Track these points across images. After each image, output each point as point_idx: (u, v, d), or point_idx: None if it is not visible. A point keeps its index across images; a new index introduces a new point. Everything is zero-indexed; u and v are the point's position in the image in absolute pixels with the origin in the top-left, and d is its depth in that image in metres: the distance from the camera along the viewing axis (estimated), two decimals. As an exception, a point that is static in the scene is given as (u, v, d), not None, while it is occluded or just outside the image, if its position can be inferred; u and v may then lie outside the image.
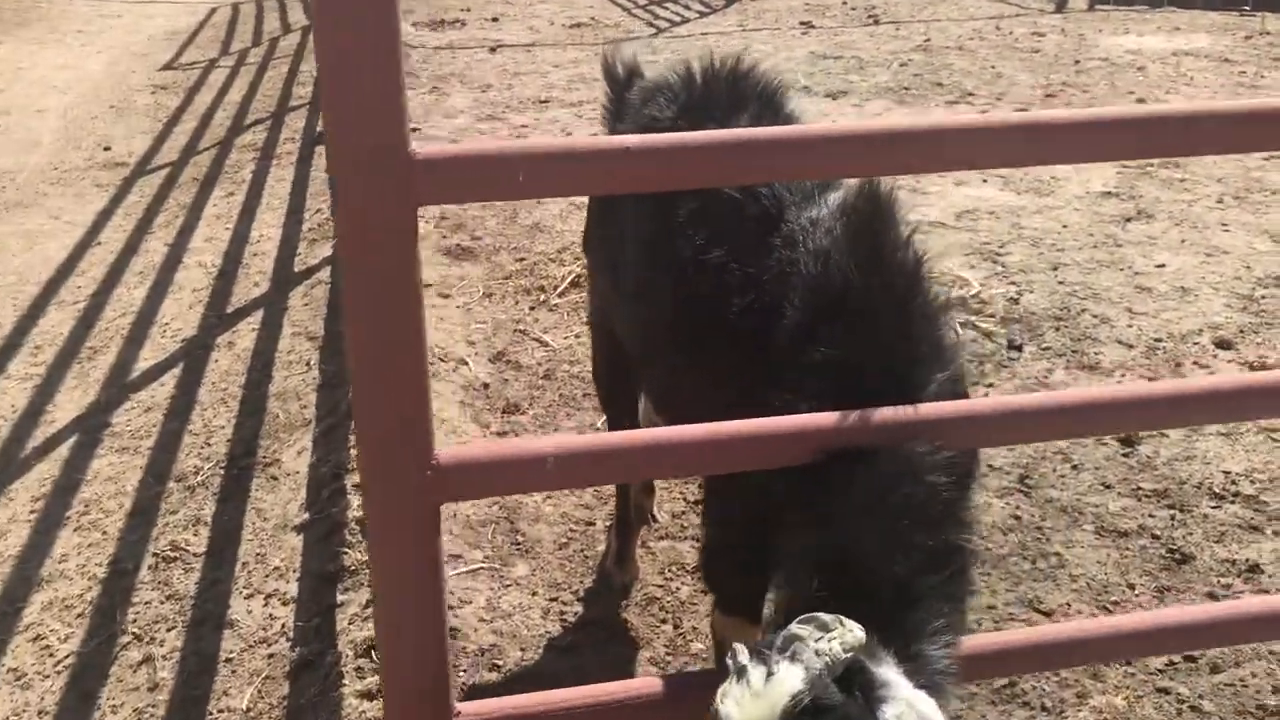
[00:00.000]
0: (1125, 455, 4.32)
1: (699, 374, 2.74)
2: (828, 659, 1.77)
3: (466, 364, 4.98)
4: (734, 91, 2.99)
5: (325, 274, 5.82)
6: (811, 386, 2.23)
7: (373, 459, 1.95)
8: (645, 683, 2.26)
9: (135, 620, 3.50)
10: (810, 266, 2.40)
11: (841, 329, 2.25)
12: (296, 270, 5.95)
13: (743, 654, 1.84)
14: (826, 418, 2.07)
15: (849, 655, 1.79)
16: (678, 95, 3.09)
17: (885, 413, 2.09)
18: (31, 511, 4.12)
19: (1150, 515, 3.95)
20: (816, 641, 1.79)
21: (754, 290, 2.53)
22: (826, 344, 2.24)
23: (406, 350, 1.89)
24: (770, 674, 1.75)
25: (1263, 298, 5.46)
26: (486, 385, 4.87)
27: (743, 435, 2.05)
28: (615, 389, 3.45)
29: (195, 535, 3.87)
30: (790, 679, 1.74)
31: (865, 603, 1.91)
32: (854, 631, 1.82)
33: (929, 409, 2.11)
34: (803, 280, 2.39)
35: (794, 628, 1.82)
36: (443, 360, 4.96)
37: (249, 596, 3.55)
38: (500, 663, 3.26)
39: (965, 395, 2.44)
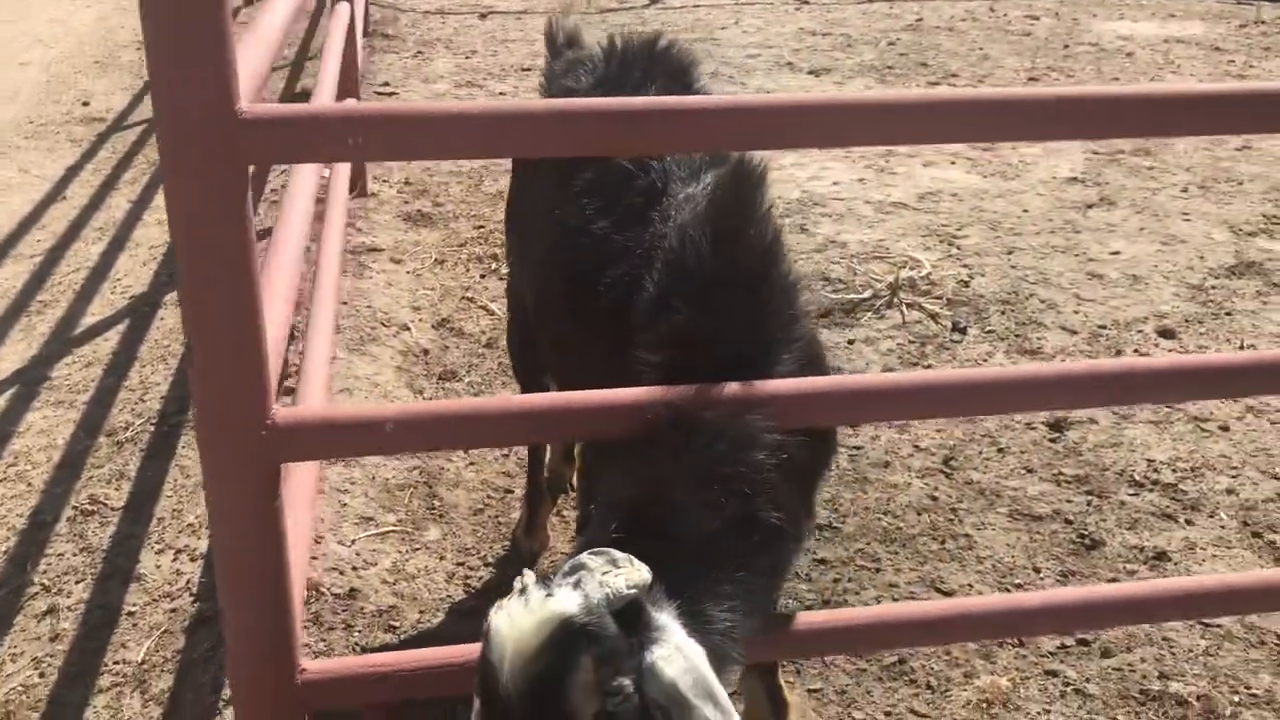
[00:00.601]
0: (1052, 440, 4.33)
1: (585, 343, 2.77)
2: (609, 592, 1.79)
3: (409, 329, 5.00)
4: (647, 67, 3.01)
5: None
6: (658, 358, 2.25)
7: (208, 418, 1.97)
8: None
9: (46, 571, 3.54)
10: (673, 240, 2.42)
11: (690, 303, 2.27)
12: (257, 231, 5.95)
13: (529, 576, 1.87)
14: (654, 392, 2.10)
15: (631, 592, 1.81)
16: (596, 68, 3.11)
17: (717, 389, 2.11)
18: (-41, 466, 4.16)
19: (1067, 500, 3.97)
20: (603, 574, 1.81)
21: (629, 262, 2.55)
22: (674, 317, 2.26)
23: (240, 310, 1.91)
24: (549, 595, 1.78)
25: (1212, 288, 5.45)
26: (426, 351, 4.89)
27: (572, 407, 2.08)
28: (526, 359, 3.46)
29: (116, 490, 3.91)
30: (566, 603, 1.76)
31: (658, 555, 1.93)
32: (641, 572, 1.85)
33: (762, 386, 2.13)
34: (664, 254, 2.42)
35: (583, 557, 1.84)
36: (385, 325, 4.97)
37: (160, 552, 3.59)
38: (397, 624, 3.29)
39: (823, 373, 2.45)
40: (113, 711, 3.01)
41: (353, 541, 3.58)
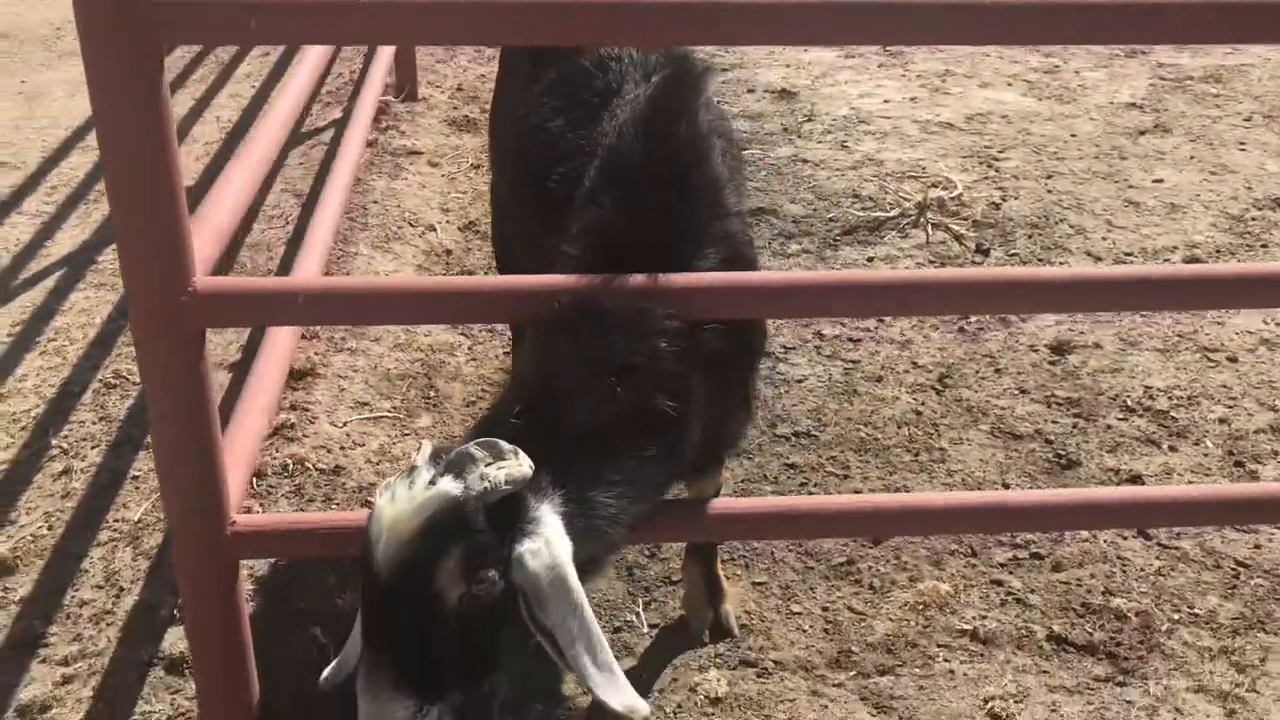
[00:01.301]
0: (1052, 363, 4.33)
1: (542, 237, 2.87)
2: (488, 484, 1.92)
3: (434, 230, 5.16)
4: None
5: (328, 136, 6.02)
6: (578, 250, 2.35)
7: (134, 284, 2.14)
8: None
9: (67, 436, 3.81)
10: (611, 137, 2.50)
11: (612, 197, 2.35)
12: (303, 130, 6.16)
13: (423, 455, 2.00)
14: (560, 280, 2.20)
15: (508, 487, 1.94)
16: None
17: (622, 280, 2.21)
18: (9, 335, 4.46)
19: (1053, 421, 3.98)
20: (486, 465, 1.94)
21: (578, 159, 2.65)
22: (596, 210, 2.36)
23: (158, 184, 2.06)
24: (431, 483, 1.92)
25: (1253, 219, 5.31)
26: (449, 251, 5.05)
27: (480, 290, 2.19)
28: (503, 255, 3.59)
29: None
30: (445, 493, 1.90)
31: (552, 439, 2.06)
32: (523, 467, 1.97)
33: (667, 278, 2.21)
34: (603, 150, 2.51)
35: (471, 447, 1.97)
36: (411, 225, 5.14)
37: (170, 424, 3.83)
38: (374, 500, 3.48)
39: (749, 269, 2.53)
40: (106, 563, 3.27)
41: (345, 423, 3.78)
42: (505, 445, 1.98)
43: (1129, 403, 4.08)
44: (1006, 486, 3.67)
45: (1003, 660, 3.00)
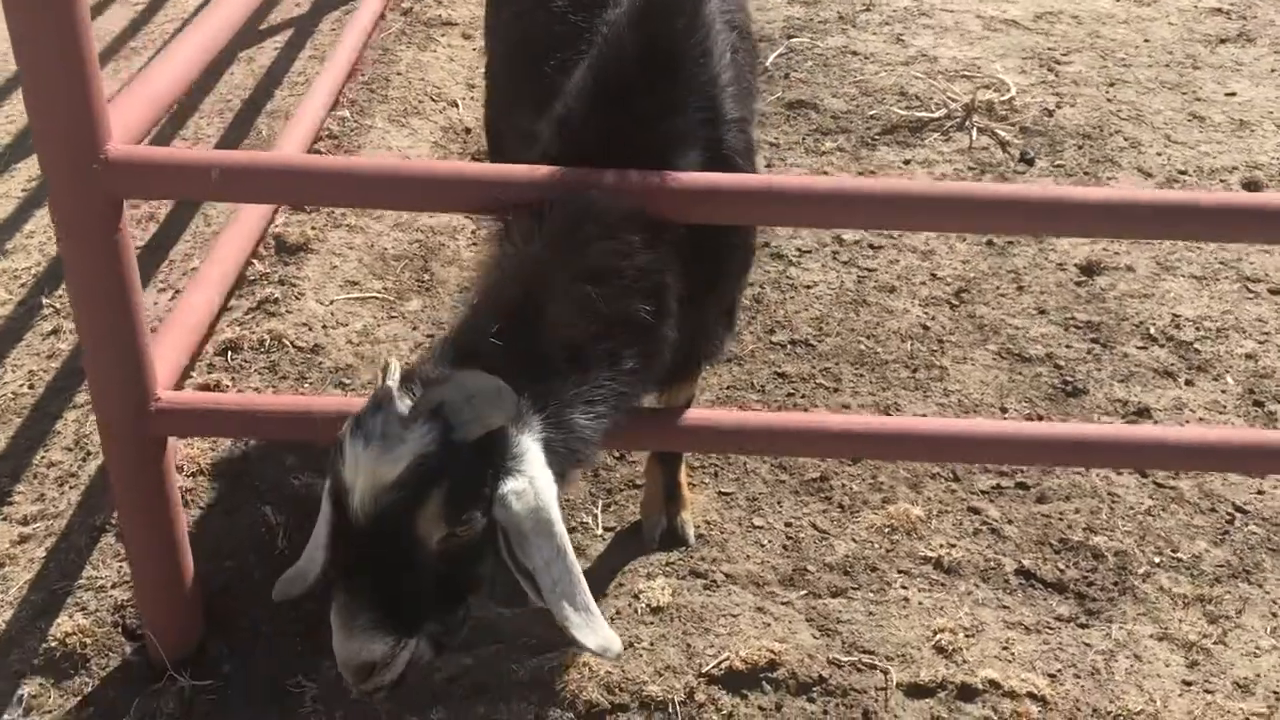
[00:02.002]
0: (1079, 284, 4.11)
1: (529, 125, 2.74)
2: (470, 427, 1.81)
3: (456, 106, 5.03)
4: None
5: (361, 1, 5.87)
6: (554, 142, 2.23)
7: (43, 149, 2.07)
8: (336, 400, 2.38)
9: (61, 296, 3.82)
10: (609, 28, 2.35)
11: (598, 92, 2.21)
12: (340, -5, 6.02)
13: (392, 377, 1.88)
14: (507, 170, 2.09)
15: (489, 427, 1.84)
16: None
17: (591, 174, 2.08)
18: (24, 191, 4.47)
19: (1067, 346, 3.79)
20: (468, 399, 1.82)
21: (575, 45, 2.49)
22: (580, 104, 2.22)
23: (67, 48, 1.97)
24: (410, 421, 1.81)
25: (1326, 142, 4.95)
26: (469, 130, 4.92)
27: (416, 176, 2.09)
28: (497, 141, 3.45)
29: (142, 230, 4.14)
30: (425, 439, 1.79)
31: (531, 359, 1.97)
32: (507, 404, 1.85)
33: (641, 176, 2.08)
34: (600, 39, 2.36)
35: (451, 387, 1.85)
36: (434, 100, 5.01)
37: (161, 290, 3.82)
38: (348, 382, 3.44)
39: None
40: (79, 425, 3.29)
41: (331, 302, 3.72)
42: (489, 384, 1.86)
43: (1152, 331, 3.86)
44: (1003, 411, 3.51)
45: (963, 592, 2.89)
